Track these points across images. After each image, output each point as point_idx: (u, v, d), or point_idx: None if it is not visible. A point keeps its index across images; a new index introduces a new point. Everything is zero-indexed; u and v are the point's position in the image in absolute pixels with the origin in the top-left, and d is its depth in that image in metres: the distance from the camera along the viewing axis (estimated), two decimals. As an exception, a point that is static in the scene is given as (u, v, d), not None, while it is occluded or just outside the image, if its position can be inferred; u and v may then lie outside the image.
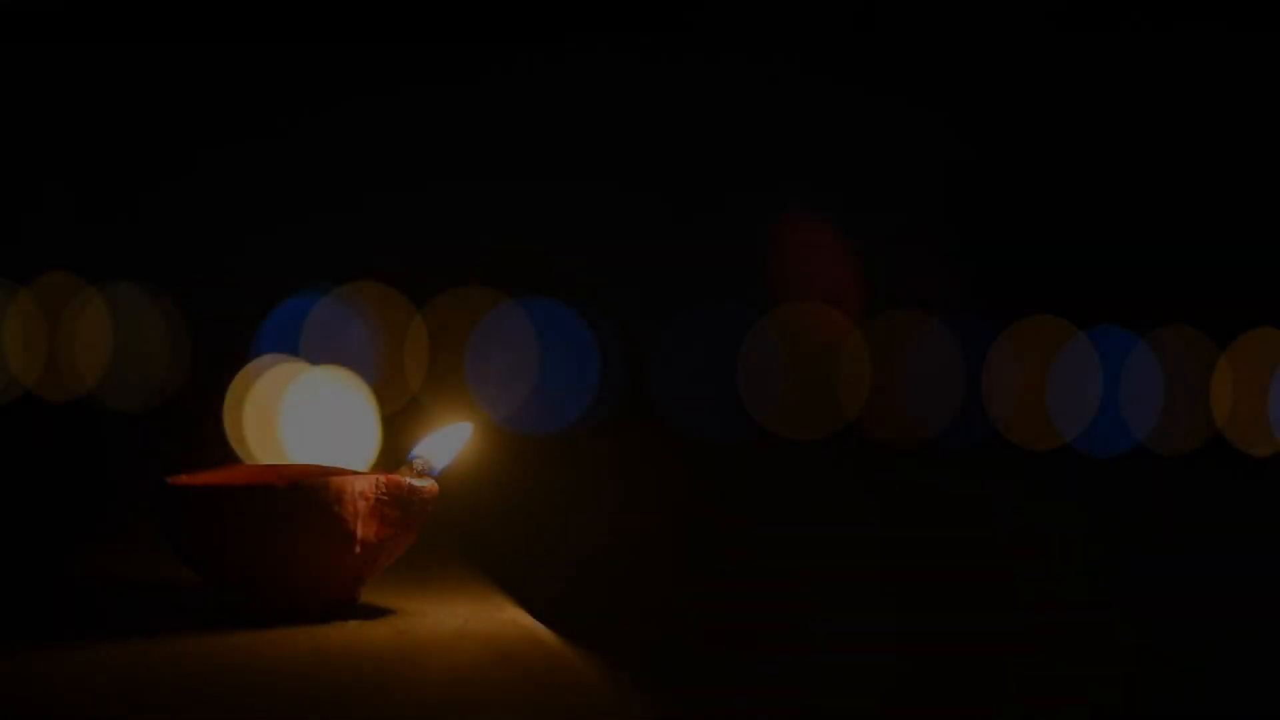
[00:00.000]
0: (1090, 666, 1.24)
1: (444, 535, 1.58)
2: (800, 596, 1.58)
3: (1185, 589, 1.72)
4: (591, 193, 6.64)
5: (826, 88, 6.60)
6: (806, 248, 6.39)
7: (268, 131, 6.73)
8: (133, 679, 1.02)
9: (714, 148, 6.75)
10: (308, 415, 3.15)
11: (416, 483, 1.23)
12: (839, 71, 6.57)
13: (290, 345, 6.15)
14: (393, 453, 1.48)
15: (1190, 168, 6.31)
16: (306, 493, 1.19)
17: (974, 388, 5.97)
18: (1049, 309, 6.21)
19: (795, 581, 1.69)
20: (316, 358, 5.58)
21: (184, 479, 1.24)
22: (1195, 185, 6.34)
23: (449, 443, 1.29)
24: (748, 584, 1.65)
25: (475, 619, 1.24)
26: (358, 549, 1.20)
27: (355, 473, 1.23)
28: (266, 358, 5.82)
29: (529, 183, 6.65)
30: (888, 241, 6.44)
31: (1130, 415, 5.84)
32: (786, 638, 1.34)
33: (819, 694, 1.13)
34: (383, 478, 1.22)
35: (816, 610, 1.48)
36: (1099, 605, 1.59)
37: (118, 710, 0.96)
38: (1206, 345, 6.03)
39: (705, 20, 6.60)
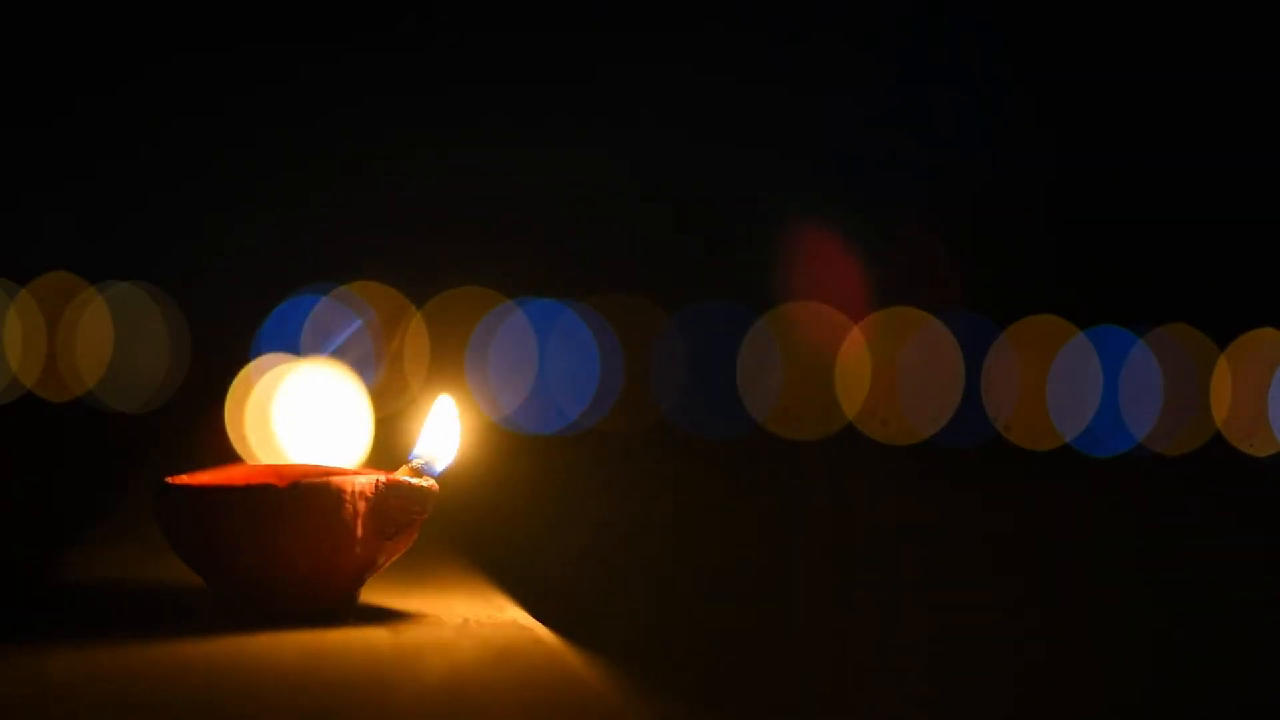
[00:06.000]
0: (1105, 665, 1.24)
1: (444, 535, 1.58)
2: (800, 597, 1.58)
3: (1188, 589, 1.72)
4: (591, 193, 6.63)
5: (827, 89, 6.59)
6: (808, 248, 6.39)
7: (270, 133, 6.72)
8: (132, 679, 1.02)
9: (715, 148, 6.74)
10: (307, 415, 3.15)
11: (416, 482, 1.23)
12: (838, 72, 6.56)
13: (290, 345, 6.15)
14: (392, 452, 1.48)
15: (1190, 169, 6.30)
16: (306, 493, 1.19)
17: (974, 388, 5.96)
18: (1049, 309, 6.21)
19: (795, 582, 1.68)
20: (317, 358, 5.58)
21: (184, 479, 1.23)
22: (1195, 187, 6.34)
23: (444, 429, 1.29)
24: (747, 584, 1.65)
25: (475, 619, 1.24)
26: (358, 549, 1.20)
27: (355, 473, 1.22)
28: (266, 358, 5.81)
29: (529, 183, 6.64)
30: (888, 241, 6.43)
31: (1130, 415, 5.83)
32: (786, 638, 1.34)
33: (818, 693, 1.13)
34: (383, 478, 1.22)
35: (816, 611, 1.48)
36: (1104, 605, 1.59)
37: (117, 710, 0.96)
38: (1206, 345, 6.03)
39: (707, 22, 6.60)
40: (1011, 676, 1.20)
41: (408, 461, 1.28)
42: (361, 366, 5.46)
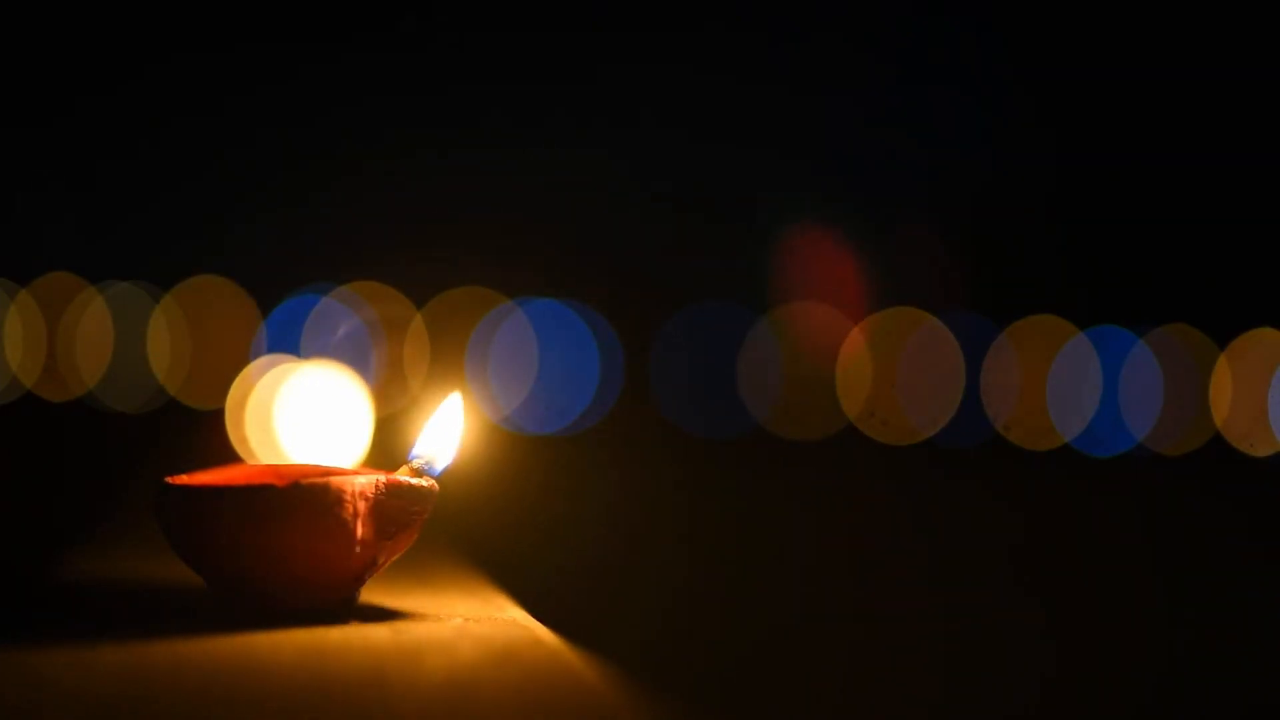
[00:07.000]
0: (1110, 665, 1.24)
1: (444, 535, 1.58)
2: (802, 597, 1.58)
3: (1190, 590, 1.72)
4: (591, 193, 6.63)
5: (827, 89, 6.59)
6: (808, 247, 6.39)
7: (270, 133, 6.72)
8: (133, 679, 1.02)
9: (715, 148, 6.74)
10: (307, 415, 3.15)
11: (416, 482, 1.23)
12: (838, 72, 6.56)
13: (291, 345, 6.15)
14: (392, 452, 1.48)
15: (1190, 169, 6.30)
16: (306, 493, 1.19)
17: (974, 388, 5.96)
18: (1049, 309, 6.21)
19: (797, 582, 1.68)
20: (316, 358, 5.58)
21: (184, 479, 1.23)
22: (1195, 187, 6.34)
23: (447, 428, 1.29)
24: (749, 584, 1.65)
25: (475, 619, 1.24)
26: (358, 549, 1.20)
27: (355, 473, 1.22)
28: (266, 358, 5.81)
29: (529, 183, 6.64)
30: (888, 241, 6.43)
31: (1130, 415, 5.83)
32: (788, 639, 1.33)
33: (821, 694, 1.13)
34: (383, 478, 1.22)
35: (818, 611, 1.48)
36: (1109, 606, 1.59)
37: (118, 710, 0.96)
38: (1206, 345, 6.03)
39: (707, 22, 6.60)
40: (1019, 678, 1.20)
41: (408, 461, 1.28)
42: (360, 364, 5.46)
